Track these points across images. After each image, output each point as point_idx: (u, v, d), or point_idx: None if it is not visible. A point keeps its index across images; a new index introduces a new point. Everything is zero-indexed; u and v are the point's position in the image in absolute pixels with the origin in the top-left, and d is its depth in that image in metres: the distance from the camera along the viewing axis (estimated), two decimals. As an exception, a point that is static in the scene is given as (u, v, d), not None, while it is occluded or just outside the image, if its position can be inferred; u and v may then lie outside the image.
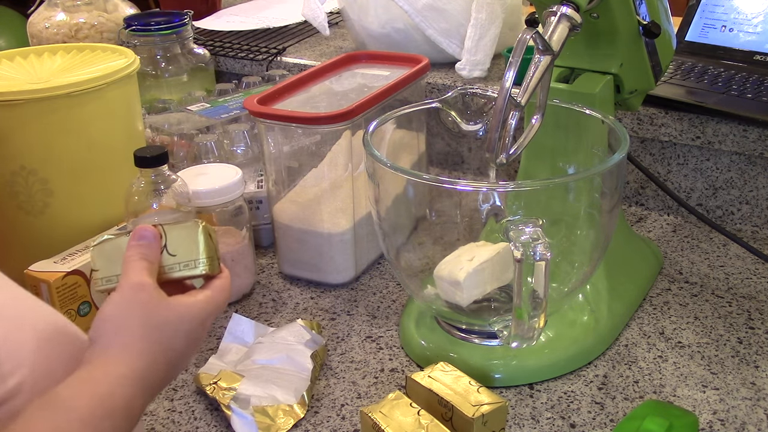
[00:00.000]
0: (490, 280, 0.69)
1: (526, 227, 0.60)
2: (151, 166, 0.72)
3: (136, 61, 0.86)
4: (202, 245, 0.56)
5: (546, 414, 0.67)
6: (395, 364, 0.74)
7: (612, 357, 0.73)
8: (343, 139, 0.81)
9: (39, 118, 0.78)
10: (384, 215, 0.71)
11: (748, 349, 0.73)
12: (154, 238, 0.55)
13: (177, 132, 0.99)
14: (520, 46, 0.61)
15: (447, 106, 0.79)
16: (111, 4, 1.27)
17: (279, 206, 0.86)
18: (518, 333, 0.63)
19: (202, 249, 0.56)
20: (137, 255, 0.54)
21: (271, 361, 0.70)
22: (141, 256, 0.54)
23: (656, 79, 0.78)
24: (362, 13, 1.15)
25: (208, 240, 0.56)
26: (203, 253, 0.56)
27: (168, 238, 0.56)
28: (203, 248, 0.56)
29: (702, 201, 0.98)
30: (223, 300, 0.57)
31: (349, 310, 0.82)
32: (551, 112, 0.70)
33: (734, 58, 1.01)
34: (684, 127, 0.93)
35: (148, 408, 0.69)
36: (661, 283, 0.85)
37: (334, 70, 0.95)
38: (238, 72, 1.29)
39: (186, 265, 0.56)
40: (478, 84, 1.06)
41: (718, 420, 0.65)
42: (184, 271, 0.56)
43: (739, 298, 0.81)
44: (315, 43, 1.32)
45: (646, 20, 0.72)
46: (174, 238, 0.56)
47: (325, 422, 0.66)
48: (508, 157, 0.67)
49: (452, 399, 0.61)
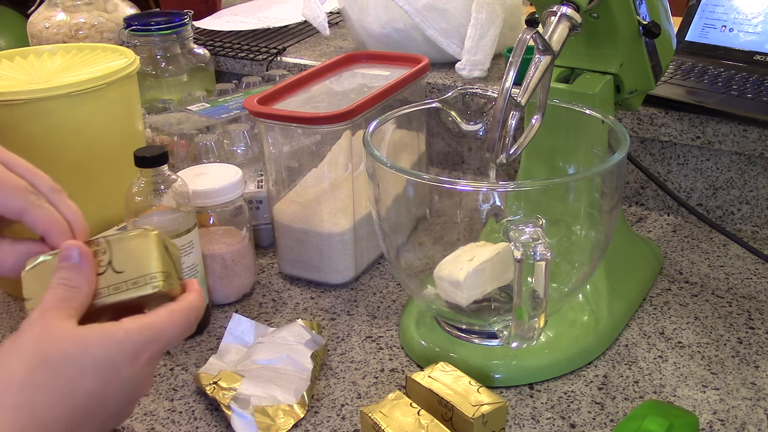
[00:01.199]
0: (490, 280, 0.69)
1: (526, 227, 0.60)
2: (151, 166, 0.72)
3: (136, 61, 0.86)
4: (155, 259, 0.46)
5: (546, 414, 0.67)
6: (395, 364, 0.74)
7: (612, 357, 0.73)
8: (343, 139, 0.81)
9: (39, 118, 0.78)
10: (384, 215, 0.71)
11: (748, 349, 0.73)
12: (80, 256, 0.46)
13: (177, 132, 0.99)
14: (520, 46, 0.61)
15: (447, 106, 0.79)
16: (111, 4, 1.27)
17: (279, 206, 0.86)
18: (518, 333, 0.63)
19: (156, 263, 0.46)
20: (56, 281, 0.45)
21: (271, 361, 0.70)
22: (59, 281, 0.45)
23: (656, 79, 0.78)
24: (362, 13, 1.15)
25: (163, 252, 0.47)
26: (156, 267, 0.46)
27: (114, 253, 0.47)
28: (157, 262, 0.46)
29: (702, 201, 0.98)
30: (177, 328, 0.46)
31: (349, 310, 0.82)
32: (551, 112, 0.70)
33: (734, 58, 1.01)
34: (684, 127, 0.93)
35: (148, 408, 0.69)
36: (661, 283, 0.85)
37: (334, 70, 0.95)
38: (238, 72, 1.29)
39: (135, 282, 0.46)
40: (478, 84, 1.06)
41: (718, 420, 0.65)
42: (133, 290, 0.46)
43: (739, 298, 0.81)
44: (315, 43, 1.32)
45: (646, 20, 0.72)
46: (120, 252, 0.47)
47: (325, 422, 0.66)
48: (508, 157, 0.67)
49: (452, 399, 0.61)
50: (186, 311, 0.46)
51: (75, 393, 0.41)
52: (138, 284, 0.46)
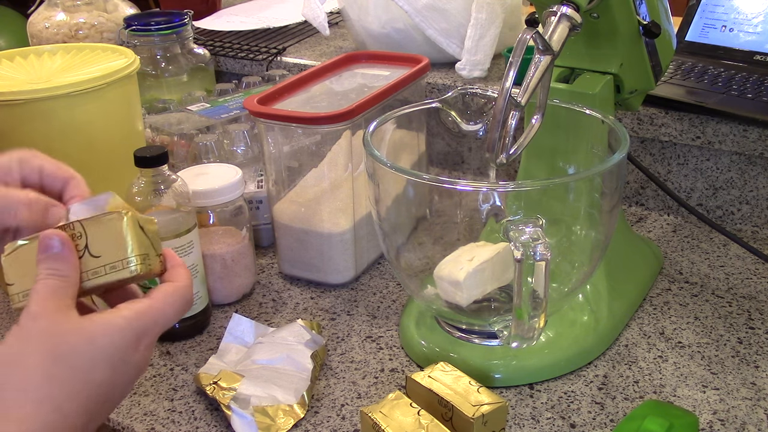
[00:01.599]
0: (490, 280, 0.69)
1: (526, 227, 0.60)
2: (151, 166, 0.72)
3: (136, 61, 0.86)
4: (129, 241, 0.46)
5: (546, 414, 0.67)
6: (395, 364, 0.74)
7: (612, 357, 0.73)
8: (343, 139, 0.81)
9: (39, 118, 0.78)
10: (384, 215, 0.71)
11: (748, 349, 0.73)
12: (62, 245, 0.45)
13: (177, 132, 0.99)
14: (520, 46, 0.61)
15: (447, 106, 0.79)
16: (111, 4, 1.27)
17: (279, 206, 0.86)
18: (518, 333, 0.63)
19: (131, 245, 0.46)
20: (44, 272, 0.45)
21: (271, 361, 0.70)
22: (48, 272, 0.45)
23: (656, 79, 0.78)
24: (362, 13, 1.15)
25: (138, 233, 0.47)
26: (133, 250, 0.46)
27: (89, 237, 0.46)
28: (132, 244, 0.46)
29: (702, 201, 0.98)
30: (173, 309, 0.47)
31: (349, 310, 0.82)
32: (551, 112, 0.70)
33: (734, 58, 1.01)
34: (684, 127, 0.93)
35: (148, 408, 0.69)
36: (661, 283, 0.85)
37: (334, 70, 0.95)
38: (238, 72, 1.29)
39: (113, 267, 0.46)
40: (478, 84, 1.06)
41: (718, 420, 0.65)
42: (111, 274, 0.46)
43: (739, 298, 0.81)
44: (315, 43, 1.32)
45: (646, 20, 0.72)
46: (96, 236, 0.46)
47: (325, 422, 0.66)
48: (508, 157, 0.67)
49: (452, 399, 0.61)
50: (181, 291, 0.47)
51: (89, 383, 0.43)
52: (116, 268, 0.46)
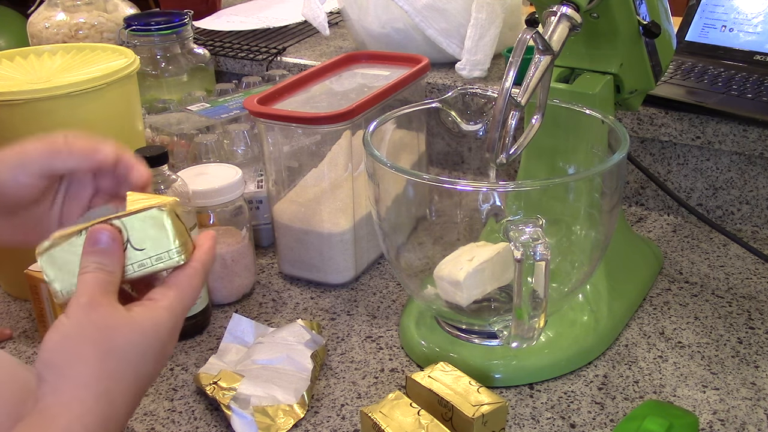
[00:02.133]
0: (490, 280, 0.69)
1: (526, 227, 0.60)
2: (151, 166, 0.72)
3: (136, 61, 0.86)
4: (171, 232, 0.48)
5: (546, 414, 0.67)
6: (395, 364, 0.74)
7: (612, 357, 0.73)
8: (343, 139, 0.81)
9: (39, 118, 0.78)
10: (384, 215, 0.71)
11: (748, 349, 0.73)
12: (112, 240, 0.46)
13: (177, 132, 0.99)
14: (520, 46, 0.61)
15: (447, 106, 0.79)
16: (111, 4, 1.27)
17: (279, 206, 0.86)
18: (518, 333, 0.63)
19: (173, 236, 0.48)
20: (92, 265, 0.46)
21: (271, 361, 0.70)
22: (96, 266, 0.46)
23: (656, 79, 0.78)
24: (362, 13, 1.15)
25: (177, 223, 0.48)
26: (175, 241, 0.48)
27: (130, 231, 0.48)
28: (174, 235, 0.48)
29: (702, 201, 0.98)
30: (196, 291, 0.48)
31: (349, 310, 0.82)
32: (551, 112, 0.70)
33: (734, 58, 1.01)
34: (684, 127, 0.93)
35: (148, 408, 0.69)
36: (661, 283, 0.85)
37: (334, 70, 0.95)
38: (238, 72, 1.29)
39: (159, 258, 0.48)
40: (478, 84, 1.06)
41: (718, 420, 0.65)
42: (158, 264, 0.48)
43: (739, 298, 0.81)
44: (315, 43, 1.32)
45: (646, 20, 0.72)
46: (138, 230, 0.48)
47: (325, 422, 0.66)
48: (508, 157, 0.67)
49: (452, 399, 0.61)
50: (201, 271, 0.49)
51: (139, 375, 0.44)
52: (162, 259, 0.48)
